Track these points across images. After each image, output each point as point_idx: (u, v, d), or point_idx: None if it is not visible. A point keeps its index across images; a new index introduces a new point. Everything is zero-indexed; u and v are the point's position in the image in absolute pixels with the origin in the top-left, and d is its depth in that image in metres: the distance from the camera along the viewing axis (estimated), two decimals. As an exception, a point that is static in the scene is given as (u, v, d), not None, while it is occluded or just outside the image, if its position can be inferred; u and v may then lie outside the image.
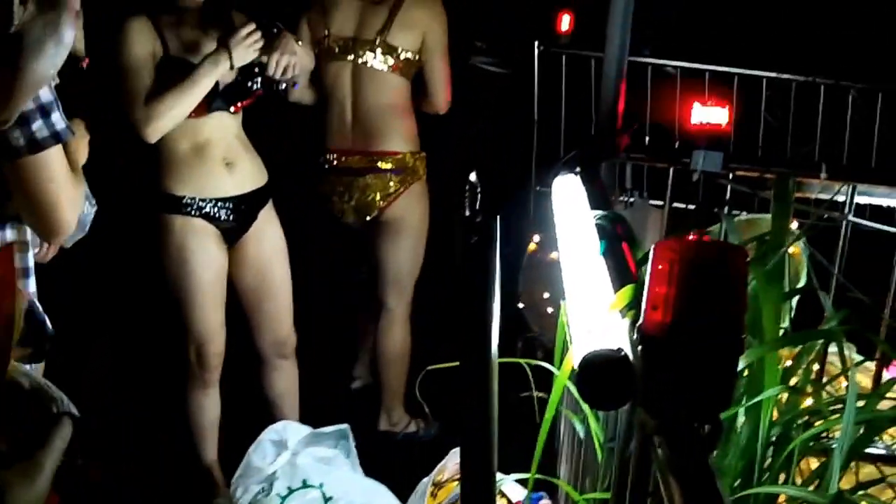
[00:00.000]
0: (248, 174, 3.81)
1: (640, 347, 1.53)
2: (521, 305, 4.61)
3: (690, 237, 1.60)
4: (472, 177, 1.72)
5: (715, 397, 1.49)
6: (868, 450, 2.46)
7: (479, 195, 1.76)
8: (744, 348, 1.50)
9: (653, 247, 1.51)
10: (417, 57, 4.25)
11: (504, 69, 6.37)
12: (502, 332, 1.93)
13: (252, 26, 3.53)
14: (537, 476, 2.32)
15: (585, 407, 2.29)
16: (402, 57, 4.19)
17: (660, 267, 1.49)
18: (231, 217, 3.77)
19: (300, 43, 3.84)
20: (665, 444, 1.48)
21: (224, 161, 3.73)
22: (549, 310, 4.43)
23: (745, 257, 1.49)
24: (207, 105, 3.63)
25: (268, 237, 3.92)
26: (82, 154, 2.51)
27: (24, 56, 1.92)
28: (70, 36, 1.99)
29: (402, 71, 4.25)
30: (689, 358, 1.46)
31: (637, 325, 1.55)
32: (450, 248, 3.82)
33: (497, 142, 6.08)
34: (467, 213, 1.76)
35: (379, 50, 4.15)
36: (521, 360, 2.52)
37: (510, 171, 5.74)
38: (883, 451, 2.69)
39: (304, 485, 3.37)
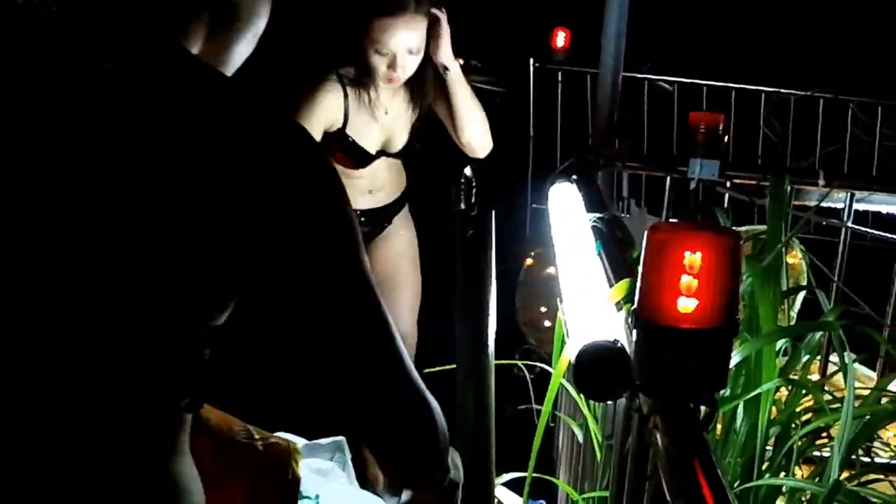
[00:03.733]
0: (387, 193, 3.81)
1: (635, 331, 1.54)
2: (519, 320, 4.62)
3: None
4: (468, 171, 1.73)
5: (709, 377, 1.50)
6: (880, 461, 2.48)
7: (473, 190, 1.76)
8: (737, 329, 1.51)
9: (646, 231, 1.52)
10: None
11: (499, 87, 6.41)
12: (501, 345, 1.93)
13: None
14: (536, 475, 2.32)
15: (583, 406, 2.30)
16: None
17: (652, 250, 1.50)
18: (364, 224, 3.78)
19: None
20: (662, 424, 1.49)
21: (368, 189, 3.73)
22: (547, 324, 4.44)
23: (737, 239, 1.50)
24: (364, 163, 3.61)
25: (398, 238, 3.92)
26: None
27: None
28: None
29: None
30: (684, 339, 1.47)
31: (632, 310, 1.56)
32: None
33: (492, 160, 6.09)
34: (462, 207, 1.76)
35: None
36: (520, 362, 2.53)
37: (506, 188, 5.77)
38: (893, 463, 2.69)
39: (300, 496, 3.35)
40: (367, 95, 3.46)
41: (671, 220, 3.58)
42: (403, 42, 3.24)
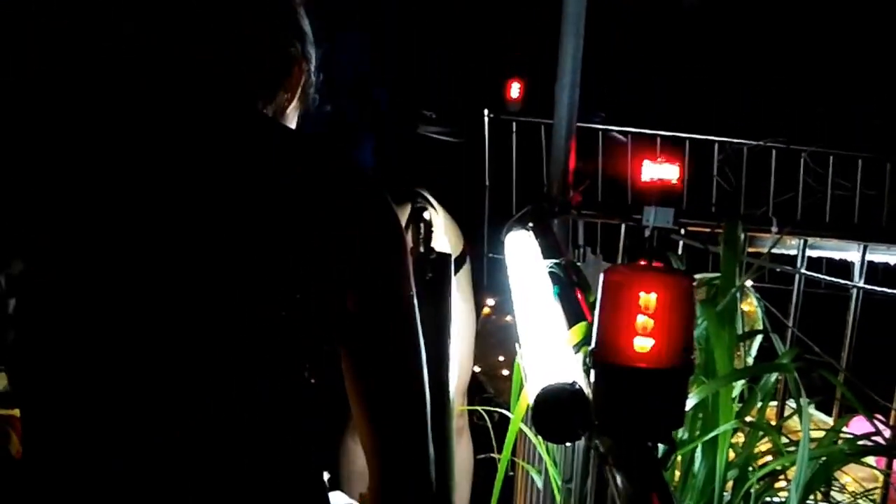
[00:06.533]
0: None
1: (592, 371, 1.55)
2: (476, 369, 4.62)
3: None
4: (426, 215, 1.75)
5: (667, 416, 1.52)
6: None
7: (432, 233, 1.78)
8: (693, 369, 1.53)
9: (602, 273, 1.54)
10: None
11: (454, 138, 6.43)
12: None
13: None
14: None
15: (542, 450, 2.30)
16: None
17: (609, 291, 1.52)
18: None
19: None
20: (619, 464, 1.50)
21: None
22: (505, 372, 4.45)
23: (691, 280, 1.52)
24: None
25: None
26: None
27: None
28: None
29: None
30: (641, 378, 1.49)
31: (589, 350, 1.58)
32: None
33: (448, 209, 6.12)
34: (421, 250, 1.78)
35: None
36: (480, 408, 2.53)
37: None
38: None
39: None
40: None
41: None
42: None
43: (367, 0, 4.31)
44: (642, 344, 1.50)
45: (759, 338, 2.83)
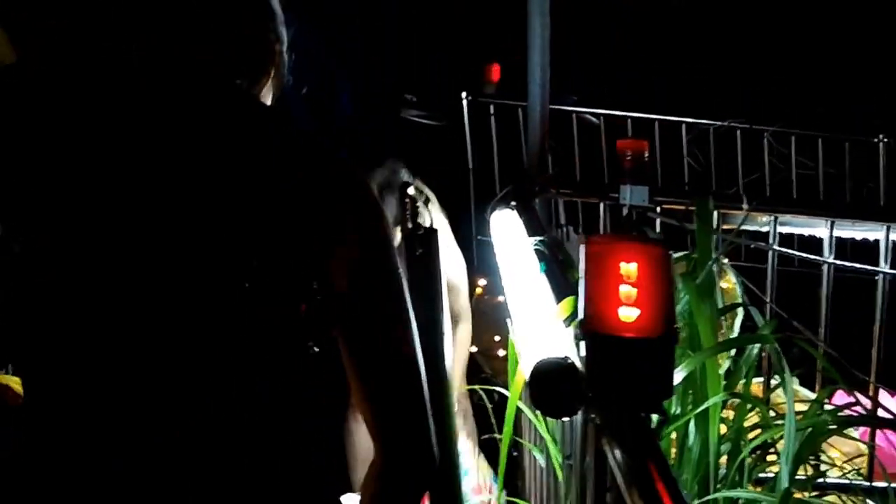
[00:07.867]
0: None
1: (582, 343, 1.57)
2: (473, 349, 4.64)
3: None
4: (411, 191, 1.76)
5: (656, 385, 1.54)
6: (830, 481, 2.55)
7: (418, 209, 1.79)
8: (678, 338, 1.55)
9: (583, 245, 1.56)
10: None
11: (435, 121, 6.44)
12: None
13: None
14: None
15: (542, 429, 2.32)
16: None
17: (590, 262, 1.54)
18: None
19: None
20: (616, 437, 1.51)
21: None
22: (501, 352, 4.46)
23: (668, 249, 1.55)
24: None
25: None
26: None
27: None
28: None
29: None
30: (629, 348, 1.51)
31: (578, 322, 1.59)
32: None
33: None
34: (409, 226, 1.79)
35: None
36: (477, 387, 2.54)
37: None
38: (841, 482, 2.75)
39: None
40: None
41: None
42: None
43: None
44: (627, 314, 1.52)
45: (741, 316, 2.86)
